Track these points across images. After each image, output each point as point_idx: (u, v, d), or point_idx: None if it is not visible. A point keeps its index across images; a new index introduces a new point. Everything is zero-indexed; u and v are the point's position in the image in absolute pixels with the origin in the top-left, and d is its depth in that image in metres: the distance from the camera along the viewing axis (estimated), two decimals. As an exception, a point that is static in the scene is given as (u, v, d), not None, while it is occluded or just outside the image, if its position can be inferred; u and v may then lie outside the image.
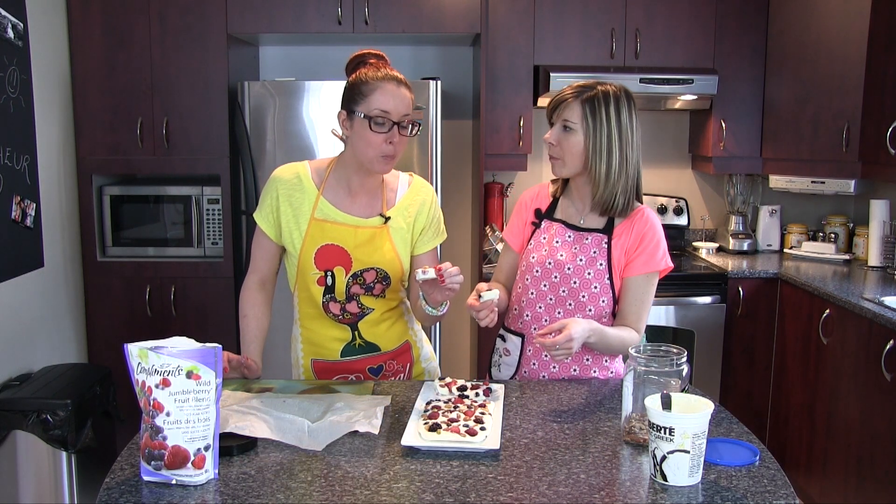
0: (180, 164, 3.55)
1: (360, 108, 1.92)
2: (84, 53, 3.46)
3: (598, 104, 1.90)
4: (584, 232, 2.00)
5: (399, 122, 1.92)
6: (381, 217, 2.03)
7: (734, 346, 3.62)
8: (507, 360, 2.10)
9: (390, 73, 1.95)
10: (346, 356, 2.07)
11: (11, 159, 3.00)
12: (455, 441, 1.54)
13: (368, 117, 1.90)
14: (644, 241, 1.95)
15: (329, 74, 3.95)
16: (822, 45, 3.58)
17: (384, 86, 1.91)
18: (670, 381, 1.54)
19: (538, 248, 2.03)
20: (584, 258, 1.98)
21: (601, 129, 1.90)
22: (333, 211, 2.01)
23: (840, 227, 3.93)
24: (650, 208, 2.02)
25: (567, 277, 1.98)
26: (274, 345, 2.15)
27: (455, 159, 4.09)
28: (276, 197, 2.02)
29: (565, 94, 1.95)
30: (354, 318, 2.05)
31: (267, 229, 2.04)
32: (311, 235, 2.00)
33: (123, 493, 1.38)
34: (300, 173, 2.04)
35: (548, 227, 2.05)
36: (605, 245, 1.97)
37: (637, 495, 1.38)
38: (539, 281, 2.01)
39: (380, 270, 2.01)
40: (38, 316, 3.24)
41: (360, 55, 2.01)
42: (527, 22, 3.72)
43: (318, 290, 2.01)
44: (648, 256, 1.95)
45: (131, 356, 1.41)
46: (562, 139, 1.93)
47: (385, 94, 1.90)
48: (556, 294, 1.99)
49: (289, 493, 1.37)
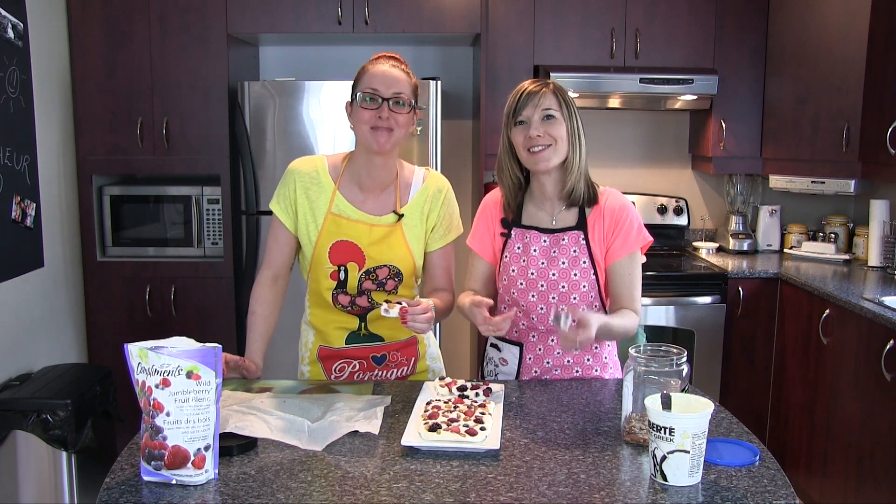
0: (180, 164, 3.55)
1: (356, 91, 1.98)
2: (84, 53, 3.46)
3: (564, 94, 1.95)
4: (559, 233, 1.98)
5: (390, 99, 1.94)
6: (394, 214, 2.04)
7: (734, 346, 3.61)
8: (505, 370, 2.08)
9: (388, 56, 2.01)
10: (351, 343, 2.09)
11: (11, 159, 3.00)
12: (455, 441, 1.54)
13: (360, 94, 1.95)
14: (619, 223, 1.96)
15: (329, 74, 3.95)
16: (822, 45, 3.58)
17: (375, 67, 1.97)
18: (670, 381, 1.54)
19: (515, 259, 2.00)
20: (566, 260, 1.96)
21: (573, 115, 1.94)
22: (349, 207, 2.02)
23: (840, 227, 3.93)
24: (611, 188, 2.03)
25: (554, 283, 1.97)
26: (275, 344, 2.15)
27: (455, 159, 4.09)
28: (295, 189, 2.03)
29: (533, 87, 1.93)
30: (363, 310, 2.07)
31: (285, 220, 2.05)
32: (326, 230, 2.01)
33: (123, 493, 1.38)
34: (318, 167, 2.05)
35: (520, 235, 2.01)
36: (583, 241, 1.96)
37: (637, 495, 1.38)
38: (526, 293, 1.99)
39: (392, 267, 2.03)
40: (38, 316, 3.24)
41: (374, 58, 2.05)
42: (527, 22, 3.72)
43: (330, 282, 2.03)
44: (625, 236, 1.96)
45: (131, 356, 1.41)
46: (548, 128, 1.92)
47: (374, 74, 1.96)
48: (545, 302, 1.98)
49: (289, 493, 1.37)
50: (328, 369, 2.12)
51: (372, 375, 2.11)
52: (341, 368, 2.11)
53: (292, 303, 2.28)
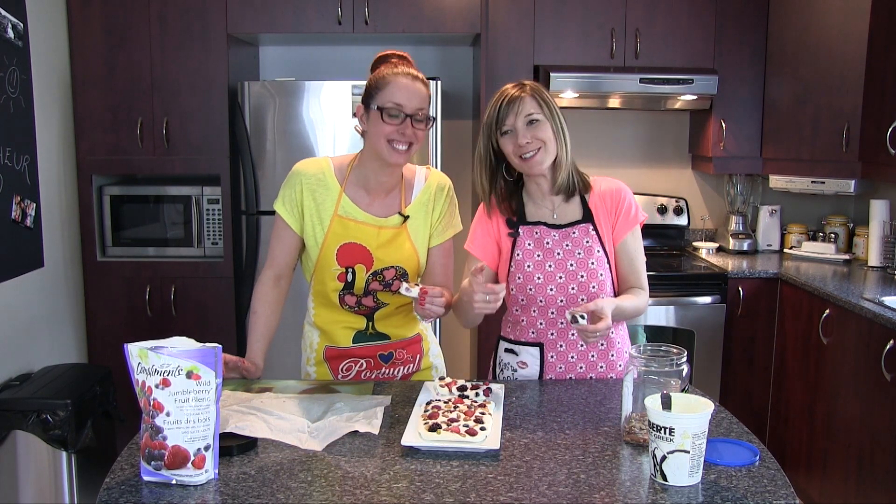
0: (180, 164, 3.55)
1: (375, 101, 1.96)
2: (84, 53, 3.46)
3: (542, 93, 1.96)
4: (567, 228, 2.01)
5: (412, 115, 1.95)
6: (399, 216, 2.04)
7: (734, 346, 3.61)
8: (525, 373, 2.05)
9: (407, 69, 1.99)
10: (358, 342, 2.10)
11: (11, 159, 3.00)
12: (455, 441, 1.54)
13: (381, 108, 1.94)
14: (618, 203, 2.02)
15: (329, 74, 3.95)
16: (822, 45, 3.58)
17: (398, 80, 1.95)
18: (670, 381, 1.54)
19: (529, 255, 2.00)
20: (581, 250, 1.99)
21: (555, 113, 1.96)
22: (355, 209, 2.03)
23: (840, 227, 3.93)
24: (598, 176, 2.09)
25: (573, 274, 1.98)
26: (276, 344, 2.15)
27: (455, 159, 4.09)
28: (301, 190, 2.03)
29: (512, 94, 1.94)
30: (370, 310, 2.08)
31: (290, 221, 2.04)
32: (333, 232, 2.01)
33: (123, 493, 1.38)
34: (324, 169, 2.05)
35: (529, 232, 2.02)
36: (594, 232, 2.00)
37: (637, 495, 1.38)
38: (544, 287, 1.99)
39: (399, 268, 2.04)
40: (38, 316, 3.24)
41: (383, 55, 2.05)
42: (527, 22, 3.71)
43: (337, 284, 2.03)
44: (626, 214, 2.02)
45: (131, 356, 1.41)
46: (534, 133, 1.93)
47: (399, 88, 1.94)
48: (565, 294, 1.98)
49: (289, 493, 1.37)
50: (335, 369, 2.12)
51: (379, 374, 2.12)
52: (348, 368, 2.11)
53: (293, 303, 2.28)
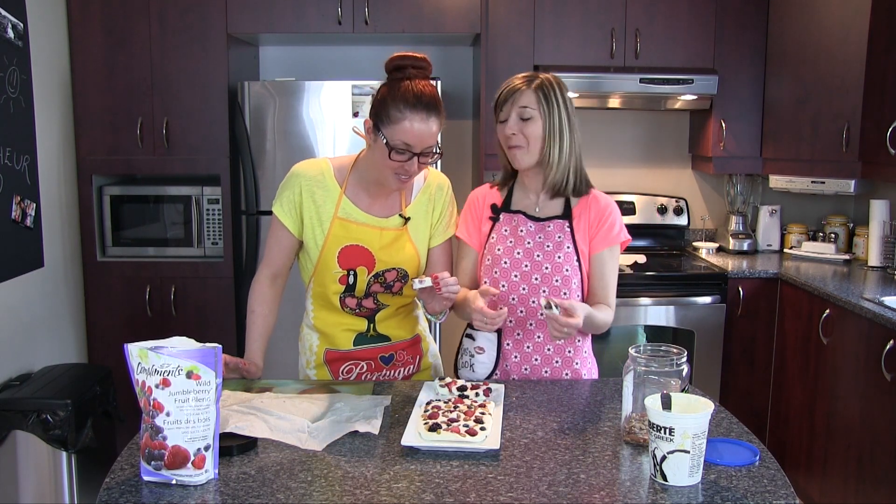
0: (180, 164, 3.55)
1: (385, 130, 1.88)
2: (84, 53, 3.46)
3: (549, 90, 1.96)
4: (544, 221, 2.03)
5: (420, 153, 1.90)
6: (400, 217, 2.04)
7: (734, 346, 3.61)
8: (482, 358, 2.08)
9: (423, 98, 1.87)
10: (359, 345, 2.09)
11: (11, 159, 3.00)
12: (455, 441, 1.54)
13: (391, 146, 1.88)
14: (602, 217, 2.02)
15: (329, 74, 3.95)
16: (822, 45, 3.58)
17: (413, 117, 1.86)
18: (670, 381, 1.54)
19: (502, 240, 2.04)
20: (551, 244, 2.01)
21: (555, 112, 1.95)
22: (356, 211, 2.02)
23: (840, 227, 3.93)
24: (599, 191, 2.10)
25: (538, 264, 2.00)
26: (275, 344, 2.15)
27: (455, 159, 4.09)
28: (300, 192, 2.01)
29: (515, 84, 1.98)
30: (370, 312, 2.07)
31: (288, 223, 2.02)
32: (334, 234, 2.00)
33: (123, 493, 1.38)
34: (323, 170, 2.03)
35: (508, 219, 2.06)
36: (568, 229, 2.01)
37: (637, 495, 1.38)
38: (509, 272, 2.01)
39: (400, 269, 2.04)
40: (38, 316, 3.24)
41: (400, 63, 1.92)
42: (527, 22, 3.72)
43: (338, 286, 2.02)
44: (609, 230, 2.02)
45: (131, 356, 1.41)
46: (522, 127, 1.96)
47: (412, 128, 1.86)
48: (528, 283, 2.00)
49: (289, 493, 1.37)
50: (335, 372, 2.11)
51: (380, 375, 2.12)
52: (349, 370, 2.11)
53: (292, 304, 2.28)
